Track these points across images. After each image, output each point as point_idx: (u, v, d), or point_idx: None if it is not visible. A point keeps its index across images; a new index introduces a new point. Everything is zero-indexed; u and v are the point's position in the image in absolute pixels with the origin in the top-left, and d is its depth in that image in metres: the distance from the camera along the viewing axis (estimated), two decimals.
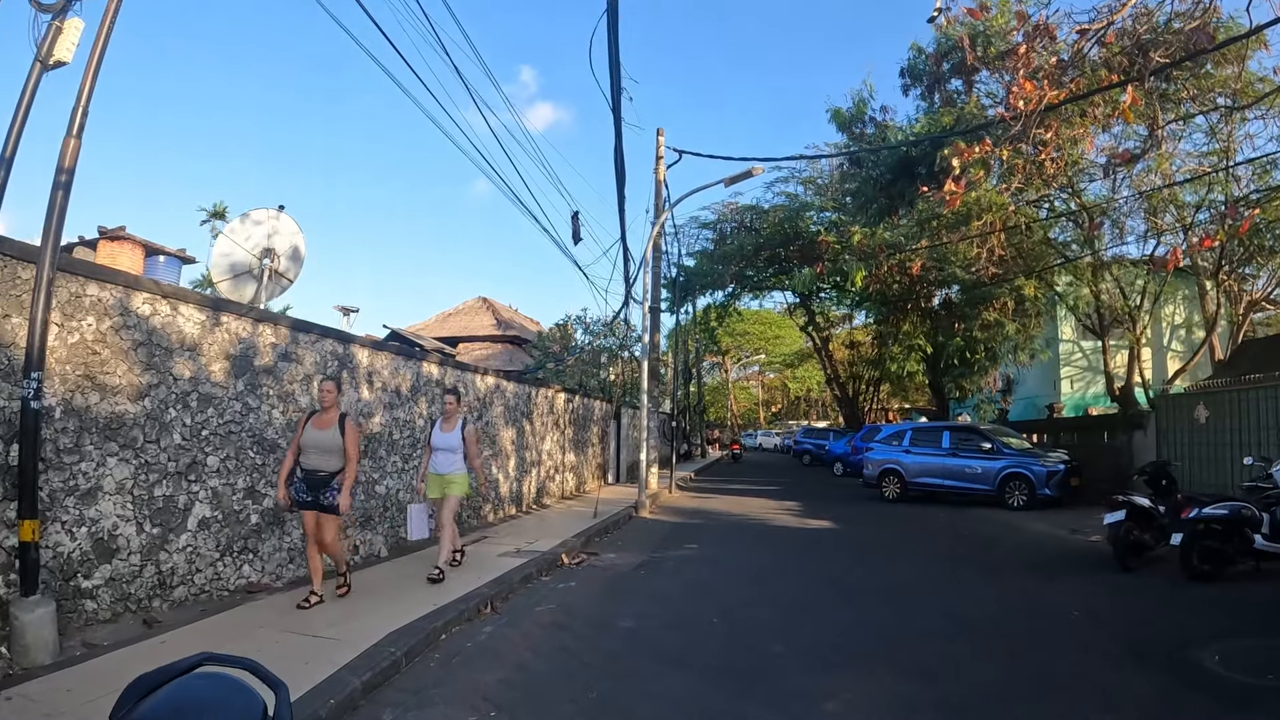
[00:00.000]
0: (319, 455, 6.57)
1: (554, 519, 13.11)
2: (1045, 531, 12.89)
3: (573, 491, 17.26)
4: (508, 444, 13.15)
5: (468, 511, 11.55)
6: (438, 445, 8.17)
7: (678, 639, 6.10)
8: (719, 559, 9.90)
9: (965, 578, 8.93)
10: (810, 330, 40.90)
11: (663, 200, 19.05)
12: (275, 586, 7.47)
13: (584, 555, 9.94)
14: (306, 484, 6.55)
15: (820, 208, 28.13)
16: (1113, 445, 17.50)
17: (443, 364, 10.83)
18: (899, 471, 17.38)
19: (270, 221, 11.99)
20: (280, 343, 7.67)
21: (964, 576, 8.98)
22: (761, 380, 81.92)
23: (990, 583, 8.69)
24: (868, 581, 8.62)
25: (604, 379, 23.28)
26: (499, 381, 12.85)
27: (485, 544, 10.19)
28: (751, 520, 14.22)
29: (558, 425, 16.07)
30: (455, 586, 7.34)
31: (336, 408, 6.79)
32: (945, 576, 9.01)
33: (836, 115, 18.77)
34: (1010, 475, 15.77)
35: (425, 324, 35.89)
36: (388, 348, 9.56)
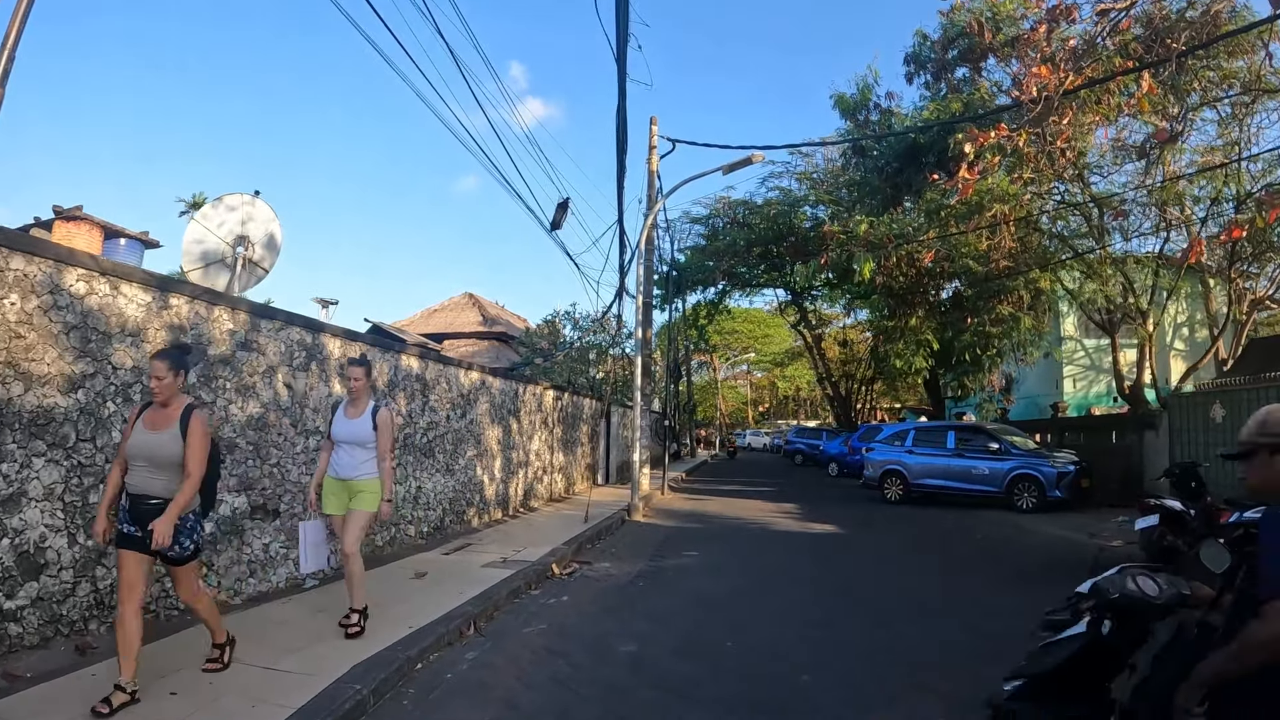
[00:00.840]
0: (147, 471, 4.33)
1: (543, 523, 12.35)
2: (1061, 536, 12.25)
3: (562, 493, 16.49)
4: (493, 444, 12.37)
5: (450, 517, 10.77)
6: (340, 437, 5.92)
7: (687, 667, 5.35)
8: (722, 568, 9.17)
9: (989, 588, 8.23)
10: (802, 328, 40.33)
11: (656, 191, 18.34)
12: (233, 604, 6.70)
13: (576, 564, 9.18)
14: (131, 513, 4.31)
15: (816, 202, 27.48)
16: (1122, 445, 16.90)
17: (423, 357, 10.04)
18: (901, 472, 16.72)
19: (245, 207, 11.18)
20: (239, 330, 6.88)
21: (987, 586, 8.29)
22: (750, 379, 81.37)
23: (1017, 594, 7.99)
24: (886, 593, 7.91)
25: (594, 376, 22.53)
26: (484, 377, 12.08)
27: (469, 552, 9.41)
28: (750, 524, 13.51)
29: (546, 424, 15.31)
30: (434, 605, 6.57)
31: (177, 397, 4.43)
32: (967, 586, 8.31)
33: (840, 101, 18.07)
34: (1019, 477, 15.15)
35: (410, 320, 35.07)
36: (362, 338, 8.77)
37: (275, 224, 11.80)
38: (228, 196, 11.38)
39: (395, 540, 9.32)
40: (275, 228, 11.65)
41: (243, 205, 11.58)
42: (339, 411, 6.05)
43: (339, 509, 5.97)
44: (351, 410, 6.00)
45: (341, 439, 5.94)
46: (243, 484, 6.89)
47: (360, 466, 5.89)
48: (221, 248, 11.39)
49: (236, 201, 11.61)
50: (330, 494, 6.00)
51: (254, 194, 11.74)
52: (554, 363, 20.27)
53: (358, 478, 5.89)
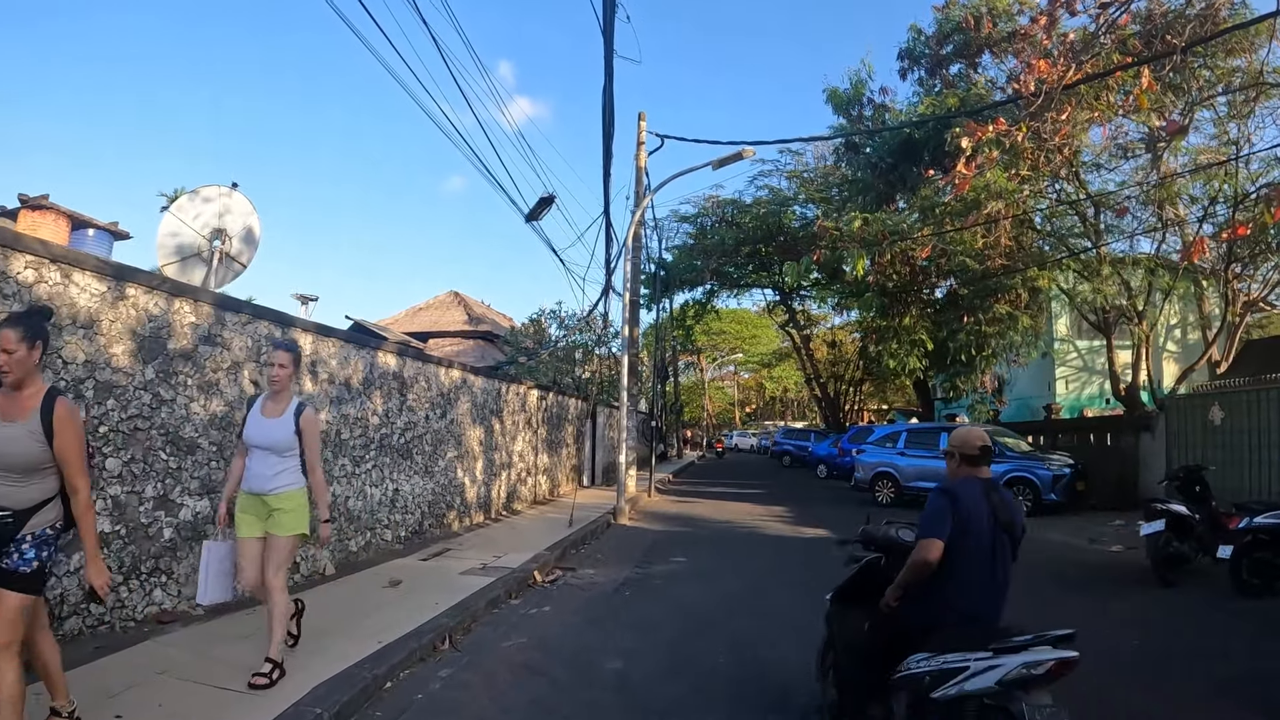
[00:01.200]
0: None
1: (525, 527, 11.96)
2: (1061, 541, 11.97)
3: (546, 496, 16.09)
4: (475, 445, 11.96)
5: (429, 520, 10.36)
6: (254, 440, 4.79)
7: (679, 687, 4.98)
8: (712, 575, 8.80)
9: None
10: (790, 329, 40.05)
11: (643, 188, 17.96)
12: (194, 613, 6.28)
13: (559, 571, 8.79)
14: None
15: (806, 200, 27.21)
16: (1117, 448, 16.64)
17: (401, 354, 9.62)
18: (893, 475, 16.41)
19: (221, 199, 10.80)
20: (202, 323, 6.46)
21: None
22: (736, 380, 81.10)
23: (1026, 604, 7.63)
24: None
25: (579, 376, 22.13)
26: (466, 376, 11.66)
27: (448, 558, 9.01)
28: (740, 528, 13.15)
29: (530, 424, 14.90)
30: (407, 617, 6.16)
31: (34, 378, 3.46)
32: None
33: (833, 96, 17.73)
34: (1013, 480, 14.85)
35: (394, 318, 34.62)
36: (336, 334, 8.35)
37: (254, 217, 11.42)
38: (204, 188, 10.98)
39: (371, 545, 8.91)
40: (254, 221, 11.26)
41: (219, 197, 11.16)
42: (254, 409, 4.90)
43: (253, 530, 4.80)
44: (271, 407, 4.88)
45: (256, 442, 4.79)
46: (205, 487, 6.47)
47: (276, 478, 4.77)
48: (197, 241, 11.06)
49: (213, 193, 11.23)
50: (244, 512, 4.84)
51: (231, 186, 11.39)
52: (539, 361, 19.86)
53: (274, 491, 4.75)
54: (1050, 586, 8.64)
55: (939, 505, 3.71)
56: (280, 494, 4.77)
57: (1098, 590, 8.45)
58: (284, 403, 4.91)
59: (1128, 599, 8.01)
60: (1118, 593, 8.31)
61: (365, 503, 8.75)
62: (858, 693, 3.94)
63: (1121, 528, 13.13)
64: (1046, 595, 8.12)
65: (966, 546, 3.65)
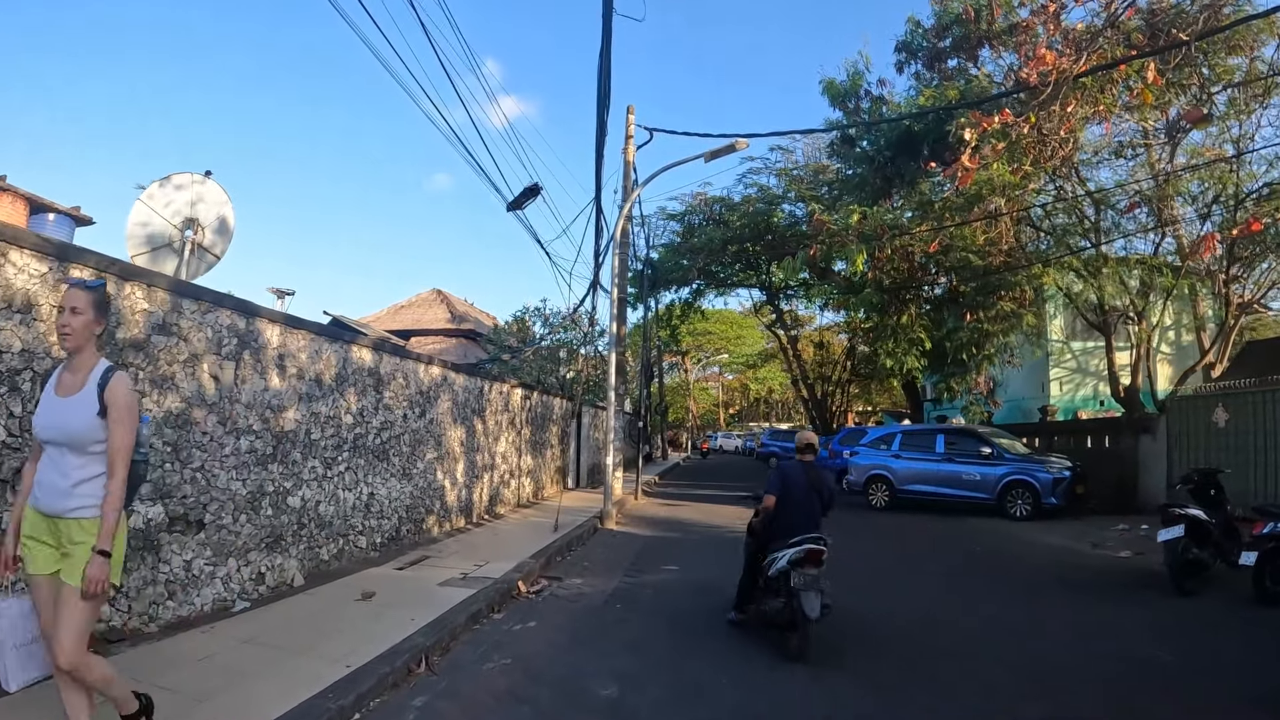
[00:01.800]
0: None
1: (509, 532, 11.40)
2: (1064, 546, 11.58)
3: (530, 499, 15.52)
4: (456, 445, 11.38)
5: (407, 526, 9.79)
6: (45, 431, 3.23)
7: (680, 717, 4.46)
8: (707, 585, 8.26)
9: (1006, 607, 7.43)
10: (777, 329, 39.62)
11: (632, 182, 17.43)
12: (147, 631, 5.72)
13: (544, 581, 8.24)
14: None
15: (796, 199, 26.75)
16: (1116, 451, 16.29)
17: (377, 349, 9.04)
18: (887, 478, 15.97)
19: (194, 187, 10.38)
20: (156, 310, 5.88)
21: (1004, 605, 7.49)
22: (721, 381, 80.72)
23: (1040, 615, 7.23)
24: (891, 614, 7.07)
25: (564, 375, 21.59)
26: (446, 373, 11.08)
27: (426, 567, 8.44)
28: (731, 533, 12.62)
29: (514, 424, 14.33)
30: (379, 635, 5.61)
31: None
32: (983, 607, 7.50)
33: (830, 88, 17.23)
34: (1013, 483, 14.46)
35: (376, 316, 34.07)
36: (307, 326, 7.76)
37: (228, 207, 10.81)
38: (176, 175, 10.52)
39: (344, 553, 8.33)
40: (228, 211, 10.75)
41: (192, 185, 10.52)
42: (48, 385, 3.34)
43: (48, 565, 3.23)
44: (67, 379, 3.29)
45: (45, 435, 3.24)
46: (159, 491, 5.90)
47: (77, 493, 3.18)
48: (168, 231, 10.28)
49: (185, 180, 10.60)
50: (32, 539, 3.27)
51: (205, 174, 10.71)
52: (522, 359, 19.31)
53: (73, 514, 3.18)
54: (1060, 595, 8.22)
55: (773, 476, 6.49)
56: (81, 519, 3.18)
57: (1112, 599, 8.02)
58: (84, 370, 3.28)
59: (1146, 607, 7.59)
60: (1134, 601, 7.88)
61: (338, 507, 8.18)
62: (748, 578, 6.65)
63: (1125, 532, 12.76)
64: (1059, 605, 7.68)
65: (790, 498, 6.21)
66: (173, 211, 10.25)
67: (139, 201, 10.02)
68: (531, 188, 14.28)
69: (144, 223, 9.90)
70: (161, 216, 10.48)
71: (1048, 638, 6.42)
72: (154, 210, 10.47)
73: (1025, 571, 9.51)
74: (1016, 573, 9.43)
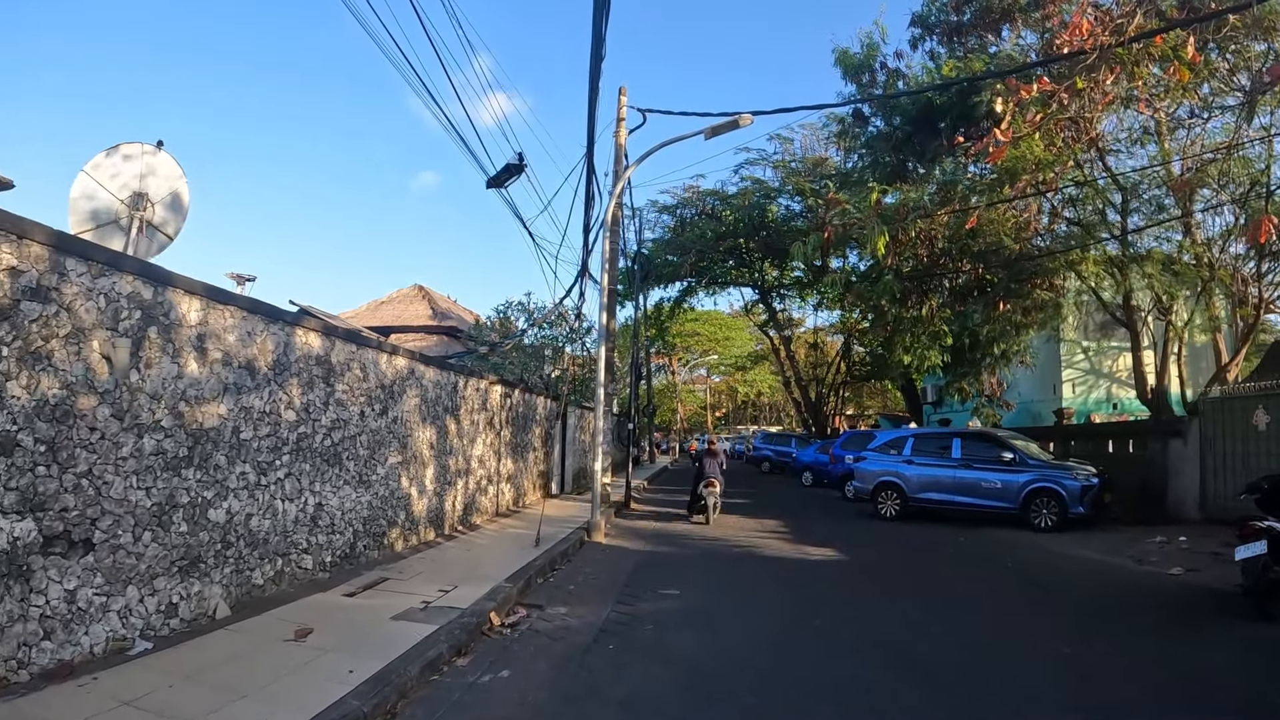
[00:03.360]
0: None
1: (484, 547, 10.08)
2: (1104, 562, 10.42)
3: (509, 507, 14.17)
4: (424, 448, 10.02)
5: (364, 540, 8.43)
6: None
7: None
8: (714, 616, 6.97)
9: (1081, 646, 6.14)
10: (769, 329, 38.51)
11: (623, 167, 16.13)
12: (15, 680, 4.45)
13: (522, 610, 6.91)
14: None
15: (794, 192, 25.62)
16: (1141, 456, 15.13)
17: (328, 334, 7.66)
18: (899, 485, 14.71)
19: (144, 158, 9.47)
20: (29, 269, 4.57)
21: (1075, 642, 6.21)
22: (708, 383, 79.54)
23: (1106, 647, 6.02)
24: (945, 654, 5.78)
25: (549, 374, 20.26)
26: (414, 365, 9.73)
27: (382, 592, 7.11)
28: (734, 547, 11.37)
29: (492, 425, 12.98)
30: (305, 694, 4.29)
31: None
32: (1048, 642, 6.23)
33: (843, 58, 15.91)
34: (1037, 491, 13.25)
35: (355, 312, 32.85)
36: (236, 300, 6.41)
37: (181, 181, 9.83)
38: (124, 145, 9.48)
39: (283, 576, 6.99)
40: (181, 186, 9.81)
41: (142, 156, 9.49)
42: None
43: None
44: None
45: None
46: (28, 501, 4.59)
47: None
48: (115, 206, 9.25)
49: (134, 151, 9.55)
50: None
51: (156, 144, 9.66)
52: (503, 353, 17.99)
53: None
54: (1128, 624, 7.04)
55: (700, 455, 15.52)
56: None
57: (1188, 628, 6.85)
58: None
59: (1232, 638, 6.44)
60: (1217, 631, 6.70)
61: (275, 521, 6.84)
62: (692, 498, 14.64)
63: (1164, 545, 11.60)
64: (1135, 639, 6.45)
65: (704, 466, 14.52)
66: (120, 185, 9.26)
67: (83, 173, 9.08)
68: (514, 164, 12.97)
69: (89, 196, 9.00)
70: (107, 190, 9.22)
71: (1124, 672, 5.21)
72: (98, 183, 9.19)
73: (1076, 594, 8.28)
74: (1067, 596, 8.20)
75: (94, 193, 9.02)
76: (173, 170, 10.50)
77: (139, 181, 9.76)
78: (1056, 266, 13.44)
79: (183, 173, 10.57)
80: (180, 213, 10.97)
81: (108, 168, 9.29)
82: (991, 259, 14.21)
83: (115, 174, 9.44)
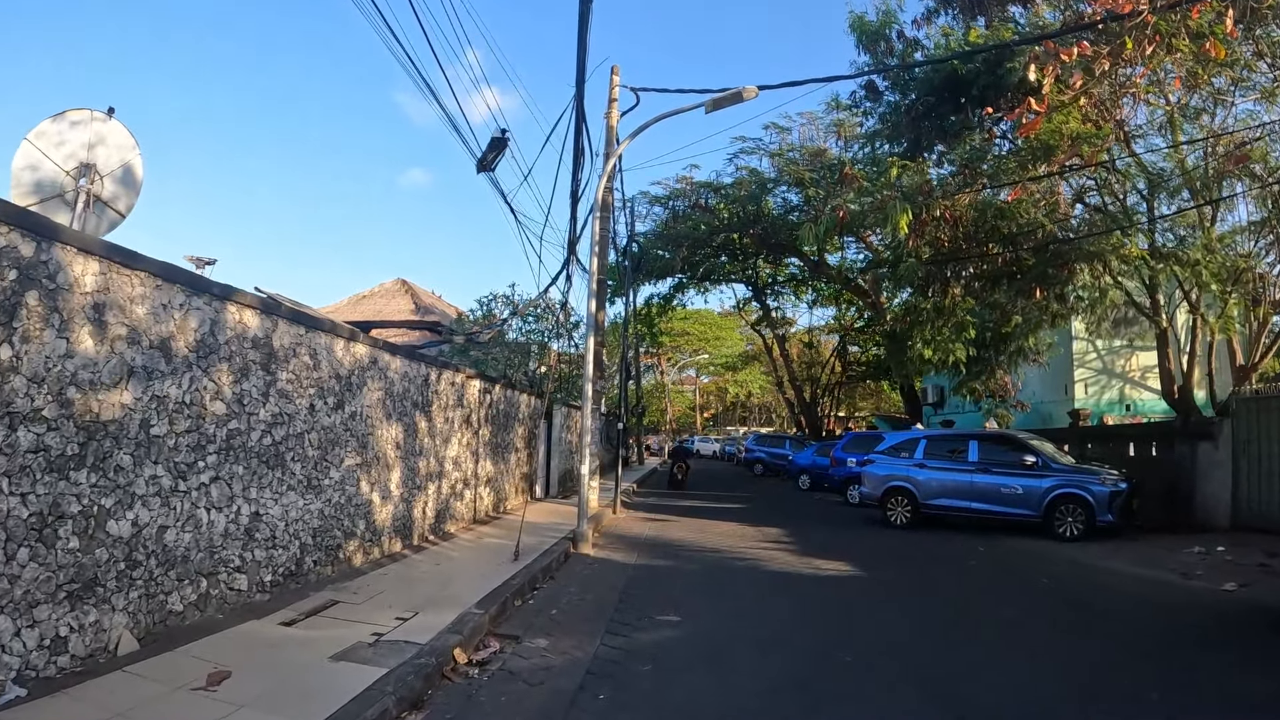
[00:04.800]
0: None
1: (457, 561, 8.94)
2: (1145, 576, 9.42)
3: (489, 513, 13.02)
4: (389, 449, 8.85)
5: (315, 555, 7.26)
6: None
7: None
8: (724, 650, 5.83)
9: (1152, 679, 5.08)
10: (762, 327, 37.54)
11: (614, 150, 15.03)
12: None
13: (494, 643, 5.76)
14: None
15: (792, 183, 24.58)
16: (1167, 460, 14.13)
17: (268, 311, 6.48)
18: (910, 490, 13.63)
19: (93, 125, 8.71)
20: None
21: (1145, 677, 5.15)
22: (697, 384, 78.65)
23: (1197, 689, 4.95)
24: (1016, 704, 4.68)
25: (534, 370, 19.14)
26: (376, 354, 8.57)
27: (327, 621, 5.95)
28: (736, 559, 10.26)
29: (469, 423, 11.82)
30: None
31: None
32: (1117, 676, 5.19)
33: (858, 24, 14.68)
34: (1062, 497, 12.21)
35: (336, 306, 31.81)
36: (148, 265, 5.25)
37: (134, 153, 9.06)
38: (71, 111, 8.72)
39: (209, 600, 5.83)
40: (134, 158, 9.03)
41: (91, 123, 8.72)
42: None
43: None
44: None
45: None
46: None
47: None
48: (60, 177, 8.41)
49: (82, 117, 8.78)
50: None
51: (107, 111, 8.89)
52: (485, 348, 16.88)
53: None
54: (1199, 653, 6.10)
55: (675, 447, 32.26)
56: None
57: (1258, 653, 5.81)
58: None
59: None
60: None
61: (198, 535, 5.68)
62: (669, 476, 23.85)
63: (1204, 556, 10.62)
64: (1211, 670, 5.43)
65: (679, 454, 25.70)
66: (66, 154, 8.42)
67: (26, 141, 8.32)
68: (498, 138, 11.86)
69: (32, 166, 8.22)
70: (51, 160, 8.36)
71: None
72: (43, 152, 8.35)
73: (1135, 619, 7.22)
74: (1125, 621, 7.13)
75: (39, 163, 8.16)
76: (124, 140, 9.61)
77: (87, 151, 8.81)
78: (1098, 250, 12.36)
79: (135, 143, 9.66)
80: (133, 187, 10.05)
81: (53, 135, 8.42)
82: (1023, 242, 13.11)
83: (61, 142, 8.54)
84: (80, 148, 8.82)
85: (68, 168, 8.99)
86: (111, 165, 9.34)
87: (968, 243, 13.92)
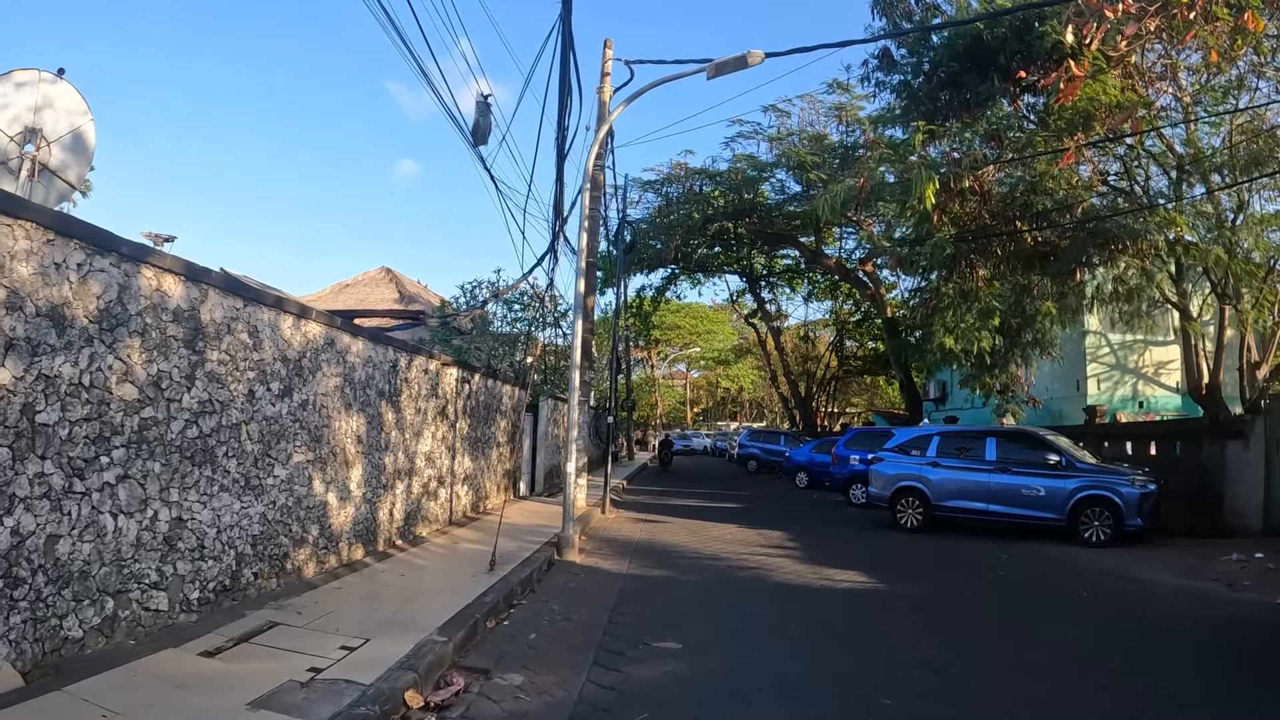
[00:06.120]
0: None
1: (425, 570, 7.95)
2: (1188, 587, 8.64)
3: (466, 513, 12.01)
4: (349, 443, 7.82)
5: (256, 566, 6.23)
6: None
7: None
8: (736, 690, 4.82)
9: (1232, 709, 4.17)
10: (757, 319, 36.68)
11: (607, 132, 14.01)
12: None
13: (458, 680, 4.75)
14: None
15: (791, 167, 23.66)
16: (1193, 460, 13.27)
17: (195, 279, 5.45)
18: (922, 491, 12.69)
19: (41, 87, 8.17)
20: None
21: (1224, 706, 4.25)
22: (687, 378, 77.80)
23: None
24: None
25: (519, 362, 18.15)
26: (333, 334, 7.53)
27: (258, 648, 4.95)
28: (739, 569, 9.29)
29: (445, 415, 10.81)
30: None
31: None
32: (1210, 713, 4.27)
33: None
34: (1088, 499, 11.32)
35: (319, 294, 30.91)
36: (36, 213, 4.21)
37: (86, 119, 8.54)
38: (18, 71, 8.20)
39: (118, 623, 4.81)
40: (85, 124, 8.51)
41: (39, 84, 8.18)
42: None
43: None
44: None
45: None
46: None
47: None
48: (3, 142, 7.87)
49: (29, 78, 8.20)
50: None
51: (56, 72, 8.37)
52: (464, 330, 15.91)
53: None
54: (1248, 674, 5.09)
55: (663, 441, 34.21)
56: None
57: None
58: None
59: None
60: None
61: (101, 544, 4.66)
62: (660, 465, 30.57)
63: (1244, 564, 9.75)
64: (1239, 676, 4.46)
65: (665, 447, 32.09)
66: (10, 117, 7.92)
67: None
68: (480, 102, 10.85)
69: None
70: None
71: None
72: None
73: (1195, 638, 6.34)
74: (1183, 640, 6.24)
75: None
76: (75, 104, 8.93)
77: (33, 115, 8.08)
78: (1143, 228, 11.36)
79: (88, 108, 9.27)
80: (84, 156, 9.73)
81: None
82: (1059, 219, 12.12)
83: (5, 105, 7.92)
84: (26, 110, 8.01)
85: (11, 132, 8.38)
86: (60, 131, 8.46)
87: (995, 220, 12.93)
